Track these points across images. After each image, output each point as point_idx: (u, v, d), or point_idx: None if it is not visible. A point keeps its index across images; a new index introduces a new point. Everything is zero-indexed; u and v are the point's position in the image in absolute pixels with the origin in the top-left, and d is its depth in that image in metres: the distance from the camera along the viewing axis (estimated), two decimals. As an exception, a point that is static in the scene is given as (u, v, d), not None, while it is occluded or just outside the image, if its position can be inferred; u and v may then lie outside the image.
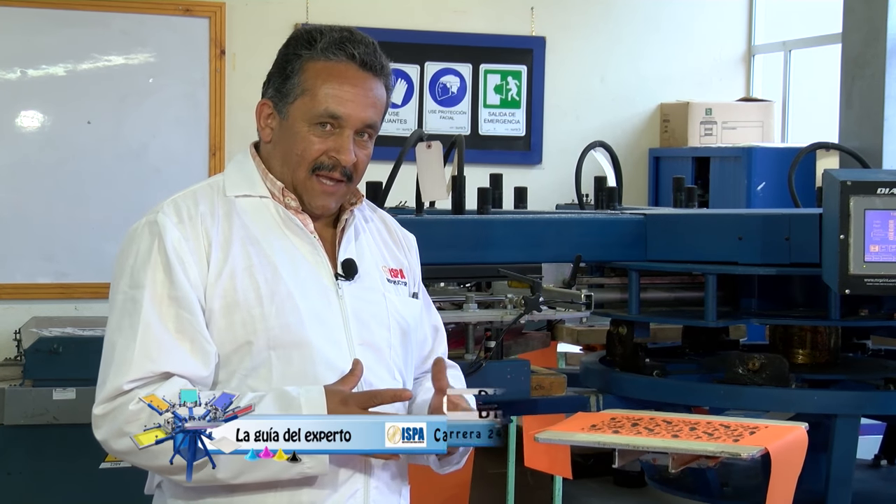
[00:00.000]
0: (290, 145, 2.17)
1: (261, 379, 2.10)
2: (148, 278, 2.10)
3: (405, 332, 2.27)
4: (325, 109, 2.14)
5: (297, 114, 2.16)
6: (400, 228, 2.41)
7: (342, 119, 2.15)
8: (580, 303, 3.67)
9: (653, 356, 3.99)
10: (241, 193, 2.20)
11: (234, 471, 2.00)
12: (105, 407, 2.04)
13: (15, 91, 6.41)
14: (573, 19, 7.48)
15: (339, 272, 2.20)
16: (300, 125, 2.16)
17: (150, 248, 2.11)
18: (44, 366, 5.26)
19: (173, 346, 2.06)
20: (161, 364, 2.05)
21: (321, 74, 2.16)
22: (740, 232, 3.77)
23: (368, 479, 2.14)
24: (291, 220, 2.19)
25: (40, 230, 6.41)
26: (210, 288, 2.10)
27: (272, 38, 6.88)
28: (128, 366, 2.04)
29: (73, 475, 5.26)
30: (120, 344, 2.08)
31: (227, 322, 2.10)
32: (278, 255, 2.15)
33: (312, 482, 2.07)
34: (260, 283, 2.12)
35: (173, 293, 2.08)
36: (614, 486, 6.22)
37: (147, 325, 2.06)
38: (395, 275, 2.30)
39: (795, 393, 3.65)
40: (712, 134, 7.32)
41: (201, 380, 2.07)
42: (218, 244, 2.13)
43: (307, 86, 2.16)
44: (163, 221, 2.13)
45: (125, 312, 2.11)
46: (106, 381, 2.05)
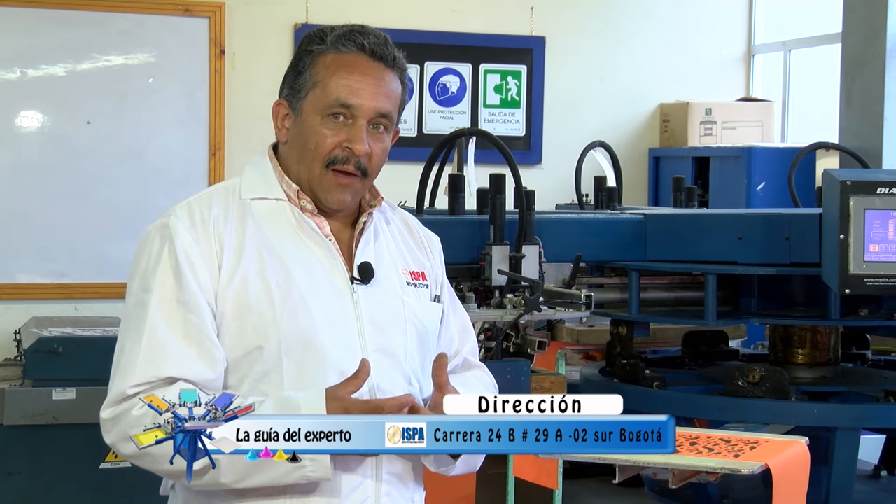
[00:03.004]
0: (304, 141, 2.15)
1: (272, 384, 2.08)
2: (157, 282, 2.07)
3: (423, 338, 2.23)
4: (336, 99, 2.12)
5: (309, 108, 2.14)
6: (422, 229, 2.37)
7: (354, 108, 2.12)
8: (580, 303, 3.67)
9: (652, 366, 4.00)
10: (257, 196, 2.18)
11: (237, 475, 1.99)
12: (111, 411, 2.03)
13: (15, 91, 6.41)
14: (573, 19, 7.48)
15: (355, 276, 2.17)
16: (313, 118, 2.14)
17: (161, 252, 2.09)
18: (44, 366, 5.26)
19: (179, 350, 2.04)
20: (165, 368, 2.03)
21: (331, 66, 2.14)
22: (740, 232, 3.77)
23: (379, 486, 2.12)
24: (307, 223, 2.17)
25: (40, 230, 6.41)
26: (221, 292, 2.08)
27: (272, 38, 6.92)
28: (132, 370, 2.03)
29: (73, 475, 5.26)
30: (127, 347, 2.06)
31: (239, 326, 2.08)
32: (292, 259, 2.13)
33: (321, 489, 2.05)
34: (272, 287, 2.09)
35: (182, 297, 2.06)
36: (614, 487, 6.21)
37: (153, 329, 2.04)
38: (417, 277, 2.27)
39: (795, 406, 3.65)
40: (712, 134, 7.32)
41: (208, 384, 2.05)
42: (230, 248, 2.11)
43: (318, 78, 2.14)
44: (174, 225, 2.10)
45: (134, 316, 2.08)
46: (112, 384, 2.05)
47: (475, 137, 4.99)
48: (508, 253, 3.74)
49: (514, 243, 3.77)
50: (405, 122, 7.14)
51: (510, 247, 3.76)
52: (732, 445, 2.76)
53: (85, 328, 5.60)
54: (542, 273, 3.76)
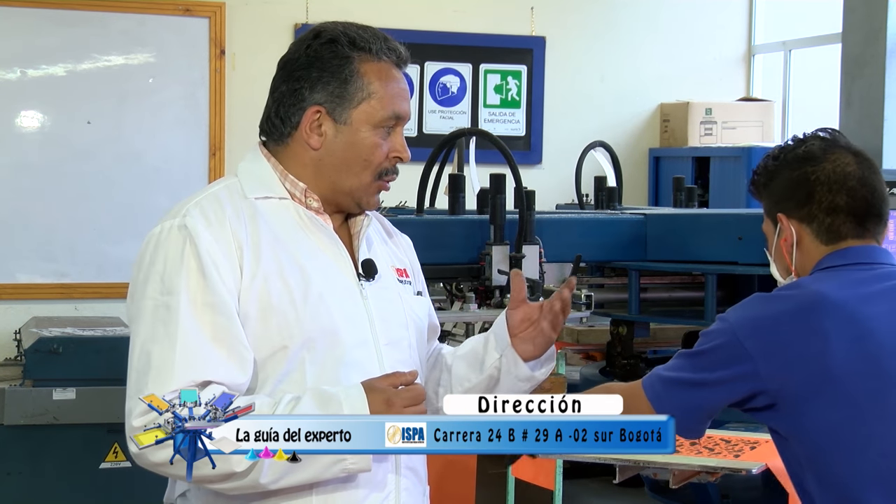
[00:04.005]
0: (354, 151, 2.14)
1: (294, 383, 2.07)
2: (182, 284, 2.02)
3: (420, 331, 2.28)
4: (394, 112, 2.14)
5: (361, 118, 2.13)
6: (394, 229, 2.39)
7: (403, 118, 2.17)
8: (580, 303, 3.68)
9: (652, 366, 4.00)
10: (261, 195, 2.16)
11: (278, 473, 1.98)
12: (145, 419, 1.94)
13: (15, 91, 6.41)
14: (573, 19, 7.48)
15: (361, 272, 2.18)
16: (366, 129, 2.14)
17: (182, 253, 2.04)
18: (44, 366, 5.26)
19: (211, 353, 2.01)
20: (202, 372, 1.99)
21: (381, 77, 2.15)
22: (740, 232, 3.78)
23: (399, 479, 2.14)
24: (314, 220, 2.17)
25: (40, 230, 6.41)
26: (244, 292, 2.06)
27: (272, 38, 6.92)
28: (169, 376, 1.98)
29: (73, 475, 5.25)
30: (156, 353, 2.00)
31: (264, 327, 2.06)
32: (305, 257, 2.12)
33: (347, 484, 2.06)
34: (292, 285, 2.09)
35: (209, 299, 2.02)
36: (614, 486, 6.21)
37: (186, 333, 2.00)
38: (402, 274, 2.29)
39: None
40: (712, 134, 7.32)
41: (239, 386, 2.02)
42: (248, 247, 2.08)
43: (372, 89, 2.13)
44: (193, 225, 2.06)
45: (159, 320, 2.02)
46: (143, 391, 1.96)
47: (475, 137, 4.99)
48: (509, 253, 3.74)
49: (514, 243, 3.77)
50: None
51: (510, 247, 3.76)
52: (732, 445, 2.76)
53: (85, 328, 5.60)
54: (542, 273, 3.76)
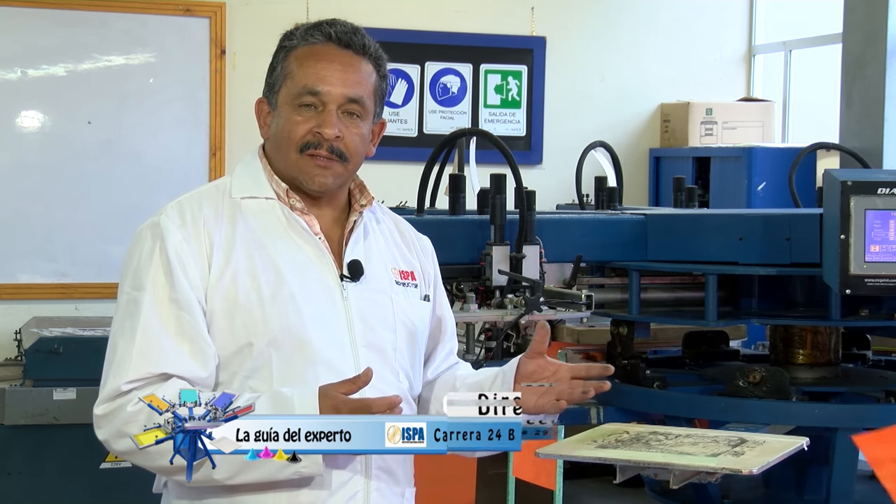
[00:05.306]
0: (280, 131, 2.19)
1: (261, 380, 2.11)
2: (149, 280, 2.11)
3: (413, 335, 2.26)
4: (304, 86, 2.16)
5: (282, 100, 2.19)
6: (414, 232, 2.41)
7: (322, 94, 2.16)
8: (580, 303, 3.68)
9: (652, 366, 4.00)
10: (248, 195, 2.22)
11: (231, 471, 2.01)
12: (105, 407, 2.06)
13: (15, 91, 6.41)
14: (573, 19, 7.48)
15: (345, 273, 2.20)
16: (286, 109, 2.18)
17: (152, 251, 2.13)
18: (44, 366, 5.26)
19: (172, 347, 2.07)
20: (159, 365, 2.06)
21: (300, 57, 2.19)
22: (740, 232, 3.77)
23: (369, 482, 2.14)
24: (297, 221, 2.20)
25: (40, 230, 6.41)
26: (211, 290, 2.12)
27: (272, 38, 6.85)
28: (126, 367, 2.06)
29: (73, 475, 5.26)
30: (121, 345, 2.09)
31: (229, 324, 2.11)
32: (282, 257, 2.16)
33: (312, 483, 2.07)
34: (262, 284, 2.13)
35: (174, 295, 2.09)
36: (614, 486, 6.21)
37: (147, 327, 2.08)
38: (406, 276, 2.29)
39: (796, 406, 3.65)
40: (713, 134, 7.32)
41: (200, 381, 2.08)
42: (220, 247, 2.14)
43: (288, 70, 2.19)
44: (165, 224, 2.14)
45: (127, 314, 2.12)
46: (106, 381, 2.08)
47: (476, 137, 4.99)
48: (509, 253, 3.74)
49: (514, 243, 3.77)
50: (405, 123, 7.14)
51: (511, 247, 3.76)
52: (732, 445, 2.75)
53: (85, 328, 5.61)
54: (542, 273, 3.76)
